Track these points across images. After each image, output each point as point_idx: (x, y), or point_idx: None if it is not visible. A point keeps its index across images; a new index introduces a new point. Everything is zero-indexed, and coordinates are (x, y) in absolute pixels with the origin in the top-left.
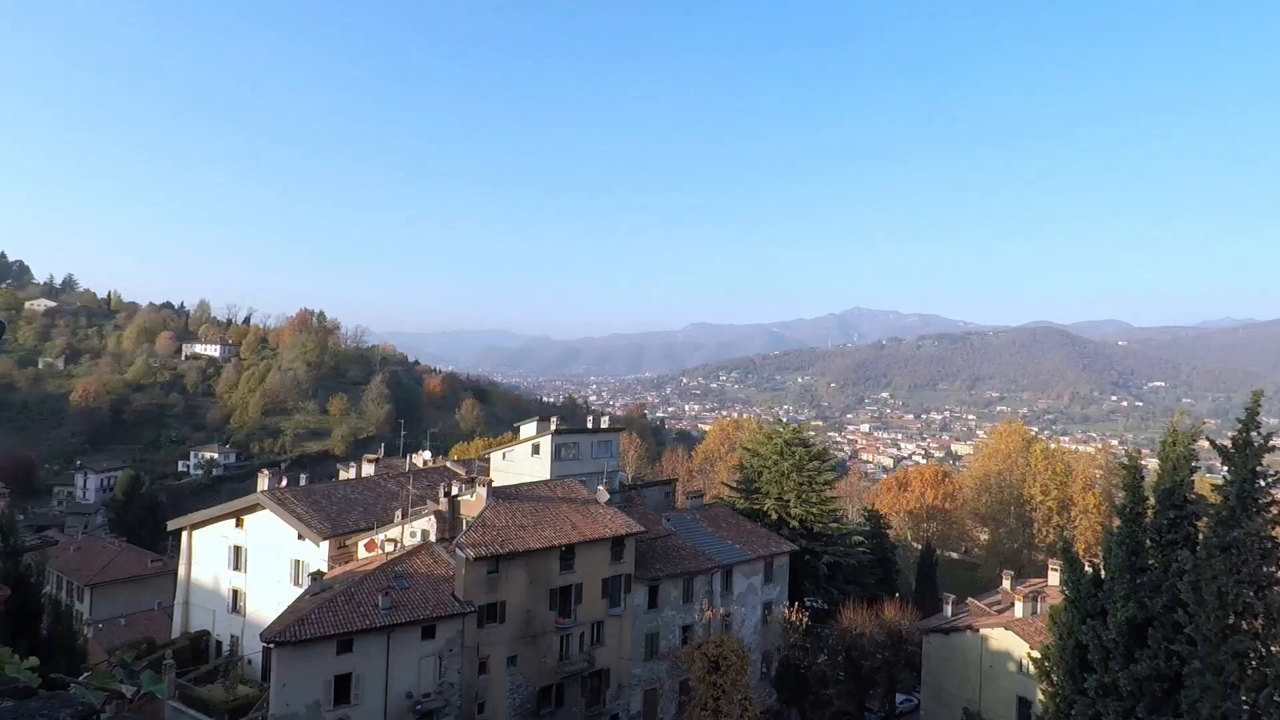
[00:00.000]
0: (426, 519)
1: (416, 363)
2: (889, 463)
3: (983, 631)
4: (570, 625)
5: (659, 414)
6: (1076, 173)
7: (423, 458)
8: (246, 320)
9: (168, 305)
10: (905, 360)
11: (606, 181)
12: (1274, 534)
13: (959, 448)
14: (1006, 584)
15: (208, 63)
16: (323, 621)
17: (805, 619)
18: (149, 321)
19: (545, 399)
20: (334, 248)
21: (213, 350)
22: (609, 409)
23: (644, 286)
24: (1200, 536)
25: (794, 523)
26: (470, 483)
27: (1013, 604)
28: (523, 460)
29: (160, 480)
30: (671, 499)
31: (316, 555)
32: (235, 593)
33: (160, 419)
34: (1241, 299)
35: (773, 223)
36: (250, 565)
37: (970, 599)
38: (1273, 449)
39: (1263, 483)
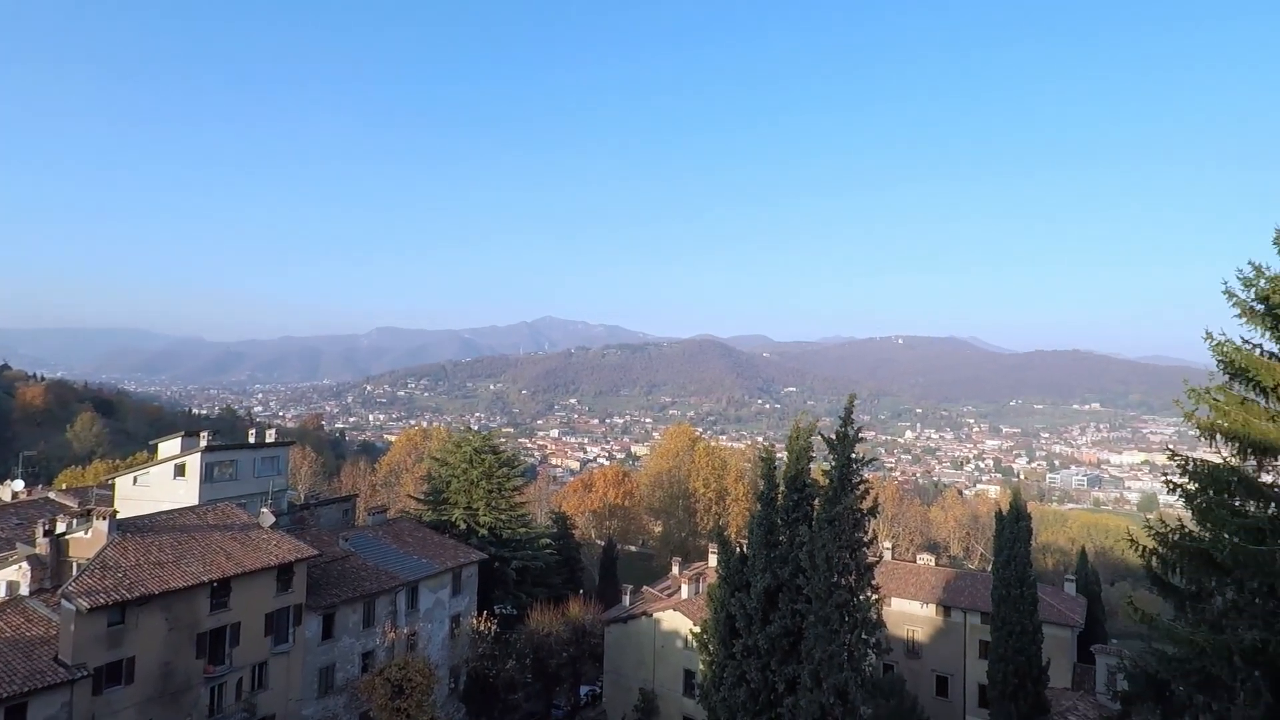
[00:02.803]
0: (15, 567)
1: (6, 366)
2: (576, 466)
3: (655, 615)
4: (224, 672)
5: (339, 425)
6: (724, 211)
7: (12, 489)
8: None
9: None
10: (592, 368)
11: (280, 167)
12: (862, 507)
13: (638, 449)
14: (675, 569)
15: None
16: None
17: (494, 627)
18: None
19: (196, 410)
20: None
21: None
22: (278, 420)
23: (322, 285)
24: (815, 513)
25: (483, 531)
26: (85, 515)
27: (680, 587)
28: (162, 484)
29: None
30: (351, 517)
31: None
32: None
33: None
34: (848, 320)
35: (469, 227)
36: None
37: (646, 587)
38: (862, 440)
39: (855, 466)
